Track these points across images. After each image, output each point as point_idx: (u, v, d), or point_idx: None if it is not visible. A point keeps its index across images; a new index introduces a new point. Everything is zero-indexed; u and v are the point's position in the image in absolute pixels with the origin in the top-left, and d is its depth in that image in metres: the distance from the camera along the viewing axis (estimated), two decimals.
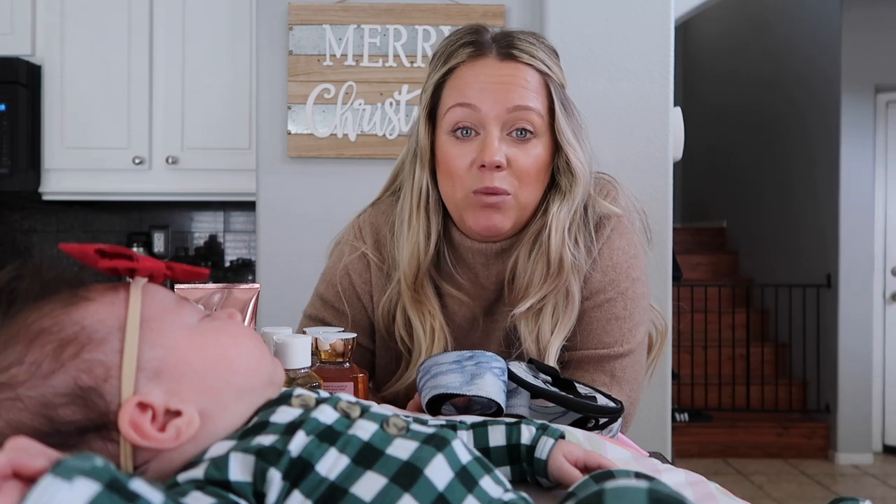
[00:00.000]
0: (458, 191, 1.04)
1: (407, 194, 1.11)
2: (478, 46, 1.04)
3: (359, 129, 2.13)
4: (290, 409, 0.57)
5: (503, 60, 1.03)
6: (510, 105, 1.01)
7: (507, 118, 1.02)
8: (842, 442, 4.63)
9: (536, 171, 1.04)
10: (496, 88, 1.02)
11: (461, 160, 1.03)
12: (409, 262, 1.08)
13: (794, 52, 5.29)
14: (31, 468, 0.43)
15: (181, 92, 2.77)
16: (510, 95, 1.01)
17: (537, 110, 1.03)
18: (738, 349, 5.18)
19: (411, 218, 1.09)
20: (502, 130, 1.02)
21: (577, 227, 1.07)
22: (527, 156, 1.03)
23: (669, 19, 2.00)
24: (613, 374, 1.06)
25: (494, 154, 1.00)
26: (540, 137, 1.04)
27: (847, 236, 4.65)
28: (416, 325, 1.09)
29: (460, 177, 1.03)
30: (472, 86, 1.02)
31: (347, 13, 2.13)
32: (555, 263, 1.04)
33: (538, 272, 1.05)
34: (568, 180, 1.06)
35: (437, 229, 1.09)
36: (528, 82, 1.03)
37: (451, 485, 0.53)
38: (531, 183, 1.04)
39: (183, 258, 3.18)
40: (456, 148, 1.04)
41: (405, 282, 1.09)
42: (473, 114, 1.02)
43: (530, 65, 1.03)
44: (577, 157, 1.05)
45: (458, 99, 1.03)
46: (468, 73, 1.04)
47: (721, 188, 6.43)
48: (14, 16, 2.74)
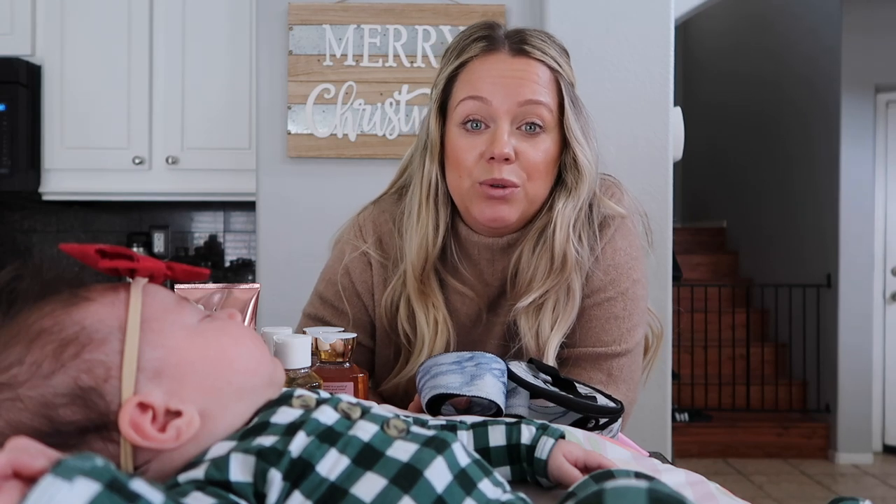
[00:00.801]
0: (465, 181, 1.05)
1: (416, 186, 1.11)
2: (490, 41, 1.05)
3: (359, 129, 2.13)
4: (290, 410, 0.57)
5: (515, 56, 1.04)
6: (521, 99, 1.02)
7: (518, 112, 1.02)
8: (842, 442, 4.63)
9: (545, 166, 1.05)
10: (507, 83, 1.03)
11: (471, 152, 1.04)
12: (418, 253, 1.09)
13: (795, 51, 5.29)
14: (32, 468, 0.43)
15: (181, 92, 2.77)
16: (521, 90, 1.02)
17: (547, 105, 1.04)
18: (738, 349, 5.18)
19: (420, 209, 1.10)
20: (512, 124, 1.03)
21: (581, 224, 1.08)
22: (535, 150, 1.03)
23: (669, 19, 2.00)
24: (611, 372, 1.07)
25: (504, 146, 1.01)
26: (549, 132, 1.05)
27: (847, 236, 4.65)
28: (419, 317, 1.09)
29: (468, 168, 1.04)
30: (484, 79, 1.04)
31: (347, 13, 2.13)
32: (558, 259, 1.05)
33: (542, 267, 1.06)
34: (574, 177, 1.07)
35: (445, 221, 1.10)
36: (539, 77, 1.04)
37: (450, 487, 0.53)
38: (539, 177, 1.05)
39: (183, 258, 3.18)
40: (465, 140, 1.04)
41: (412, 272, 1.09)
42: (484, 107, 1.03)
43: (541, 61, 1.04)
44: (584, 154, 1.06)
45: (469, 92, 1.04)
46: (480, 66, 1.05)
47: (721, 188, 6.43)
48: (14, 16, 2.74)
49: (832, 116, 4.74)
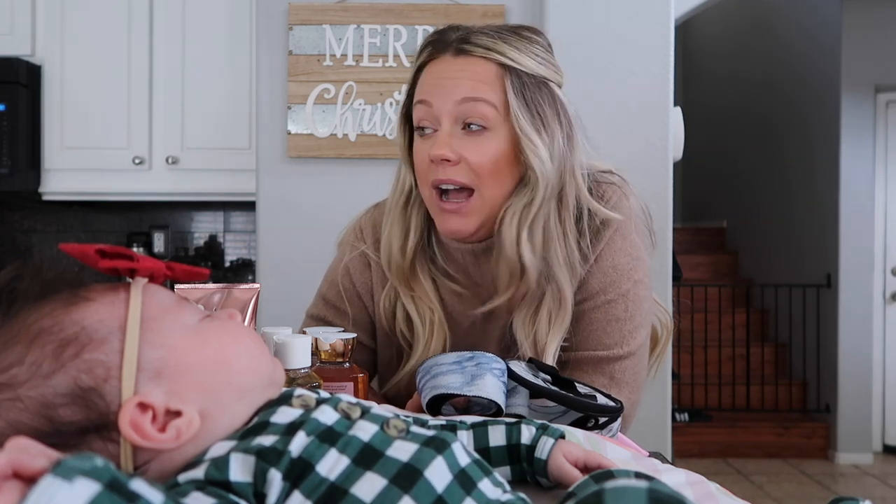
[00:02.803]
0: (424, 189, 1.06)
1: (391, 193, 1.13)
2: (437, 45, 1.06)
3: (359, 129, 2.13)
4: (290, 410, 0.57)
5: (456, 56, 1.04)
6: (457, 98, 1.01)
7: (458, 112, 1.02)
8: (842, 442, 4.63)
9: (493, 165, 1.02)
10: (445, 83, 1.03)
11: (421, 156, 1.04)
12: (385, 258, 1.11)
13: (794, 52, 5.29)
14: (32, 468, 0.43)
15: (181, 92, 2.77)
16: (457, 89, 1.02)
17: (489, 102, 1.01)
18: (738, 349, 5.18)
19: (392, 214, 1.11)
20: (455, 125, 1.02)
21: (563, 225, 1.05)
22: (480, 150, 1.01)
23: (669, 19, 2.00)
24: (612, 376, 1.06)
25: (440, 147, 1.01)
26: (495, 131, 1.02)
27: (847, 236, 4.65)
28: (414, 320, 1.10)
29: (423, 173, 1.05)
30: (429, 83, 1.04)
31: (347, 13, 2.13)
32: (512, 258, 1.02)
33: (502, 272, 1.04)
34: (532, 174, 1.03)
35: (418, 227, 1.10)
36: (479, 74, 1.02)
37: (449, 487, 0.53)
38: (490, 177, 1.02)
39: (183, 258, 3.18)
40: (419, 145, 1.05)
41: (393, 278, 1.11)
42: (429, 110, 1.03)
43: (484, 57, 1.03)
44: (534, 151, 1.01)
45: (417, 97, 1.05)
46: (427, 71, 1.06)
47: (721, 188, 6.43)
48: (14, 16, 2.74)
49: (832, 117, 4.74)
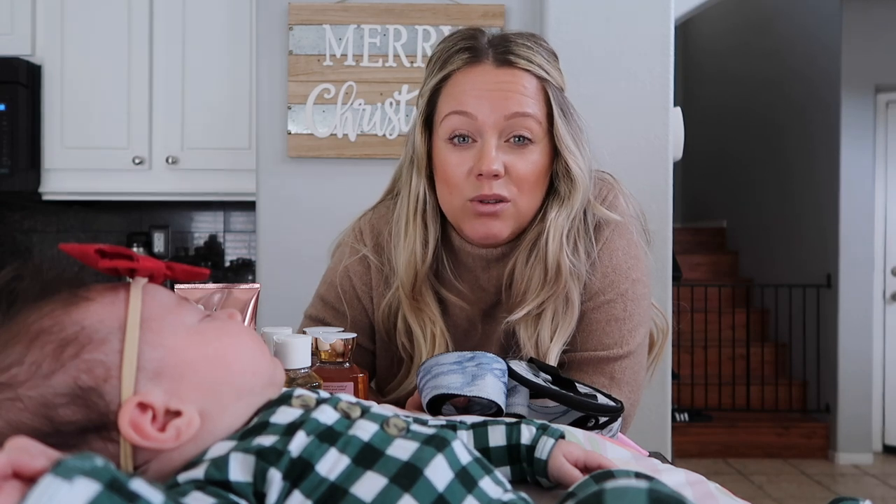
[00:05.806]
0: (455, 199, 1.04)
1: (403, 201, 1.10)
2: (474, 52, 1.03)
3: (359, 129, 2.13)
4: (290, 410, 0.57)
5: (500, 66, 1.02)
6: (507, 112, 1.00)
7: (505, 125, 1.00)
8: (842, 442, 4.63)
9: (535, 178, 1.03)
10: (493, 96, 1.00)
11: (459, 168, 1.02)
12: (406, 271, 1.08)
13: (795, 52, 5.29)
14: (32, 468, 0.43)
15: (181, 92, 2.77)
16: (507, 103, 1.00)
17: (535, 116, 1.01)
18: (738, 349, 5.18)
19: (408, 226, 1.08)
20: (500, 138, 1.01)
21: (576, 232, 1.06)
22: (525, 162, 1.01)
23: (669, 19, 2.00)
24: (613, 375, 1.06)
25: (492, 163, 0.99)
26: (538, 143, 1.03)
27: (847, 236, 4.65)
28: (416, 332, 1.09)
29: (458, 185, 1.02)
30: (469, 93, 1.01)
31: (347, 13, 2.13)
32: (552, 269, 1.03)
33: (535, 278, 1.04)
34: (567, 186, 1.05)
35: (434, 237, 1.09)
36: (526, 88, 1.01)
37: (450, 485, 0.53)
38: (530, 189, 1.03)
39: (183, 258, 3.18)
40: (453, 156, 1.02)
41: (403, 290, 1.08)
42: (470, 122, 1.01)
43: (528, 70, 1.02)
44: (576, 163, 1.04)
45: (454, 107, 1.02)
46: (464, 79, 1.02)
47: (721, 188, 6.43)
48: (14, 16, 2.74)
49: (832, 116, 4.74)
